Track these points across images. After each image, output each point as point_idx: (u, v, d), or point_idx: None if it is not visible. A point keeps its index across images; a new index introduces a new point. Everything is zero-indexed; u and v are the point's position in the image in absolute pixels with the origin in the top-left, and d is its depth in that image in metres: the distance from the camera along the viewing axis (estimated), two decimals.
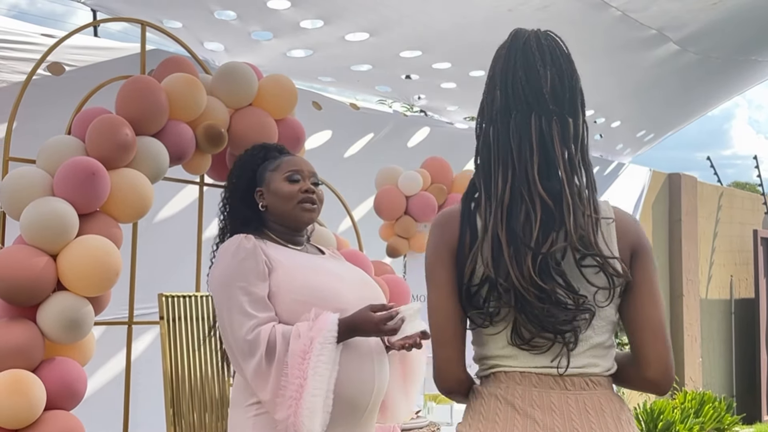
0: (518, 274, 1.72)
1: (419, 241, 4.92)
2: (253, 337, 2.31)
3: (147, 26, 3.75)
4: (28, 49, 4.02)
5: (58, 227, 2.91)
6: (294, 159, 2.67)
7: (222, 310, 2.41)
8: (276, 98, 3.70)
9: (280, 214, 2.60)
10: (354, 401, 2.40)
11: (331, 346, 2.28)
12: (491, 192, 1.80)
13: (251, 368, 2.32)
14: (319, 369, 2.26)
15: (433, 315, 1.84)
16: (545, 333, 1.74)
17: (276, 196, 2.59)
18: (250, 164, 2.68)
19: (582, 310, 1.75)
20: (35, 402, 2.82)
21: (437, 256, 1.84)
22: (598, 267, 1.76)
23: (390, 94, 6.76)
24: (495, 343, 1.82)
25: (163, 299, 3.40)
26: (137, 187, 3.16)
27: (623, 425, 1.79)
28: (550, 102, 1.82)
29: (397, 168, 4.94)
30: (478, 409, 1.82)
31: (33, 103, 3.64)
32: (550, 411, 1.75)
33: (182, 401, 3.33)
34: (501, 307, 1.76)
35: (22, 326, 2.88)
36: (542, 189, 1.76)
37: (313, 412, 2.23)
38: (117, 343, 3.66)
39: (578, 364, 1.79)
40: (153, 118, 3.26)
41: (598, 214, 1.82)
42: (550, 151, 1.80)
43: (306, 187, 2.59)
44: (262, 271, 2.42)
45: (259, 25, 4.90)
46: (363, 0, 4.69)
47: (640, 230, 1.91)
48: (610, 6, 5.06)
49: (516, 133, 1.81)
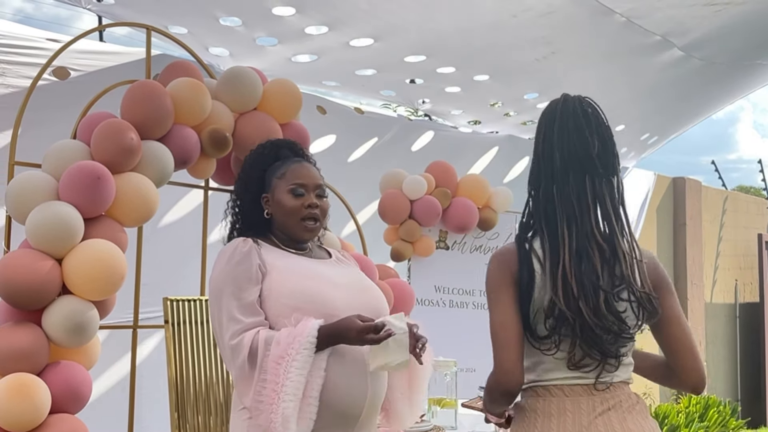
0: (589, 310, 2.07)
1: (423, 244, 4.92)
2: (236, 342, 2.32)
3: (152, 31, 3.76)
4: (33, 54, 4.04)
5: (64, 231, 2.92)
6: (300, 170, 2.62)
7: (214, 315, 2.43)
8: (281, 102, 3.71)
9: (281, 225, 2.60)
10: (345, 409, 2.39)
11: (306, 352, 2.27)
12: (558, 241, 2.12)
13: (235, 373, 2.34)
14: (291, 375, 2.24)
15: (501, 325, 2.12)
16: (596, 356, 2.12)
17: (279, 208, 2.58)
18: (260, 164, 2.67)
19: (628, 338, 2.15)
20: (40, 405, 2.83)
21: (500, 282, 2.16)
22: (637, 302, 2.14)
23: (394, 99, 6.76)
24: (549, 364, 2.15)
25: (168, 303, 3.40)
26: (142, 192, 3.17)
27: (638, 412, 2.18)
28: (599, 165, 2.17)
29: (402, 172, 4.94)
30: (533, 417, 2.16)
31: (38, 108, 3.65)
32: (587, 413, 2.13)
33: (187, 405, 3.33)
34: (563, 336, 2.10)
35: (27, 330, 2.89)
36: (600, 238, 2.13)
37: (286, 419, 2.22)
38: (122, 346, 3.67)
39: (614, 380, 2.18)
40: (158, 123, 3.27)
41: (641, 257, 2.18)
42: (602, 207, 2.17)
43: (309, 202, 2.57)
44: (254, 275, 2.42)
45: (264, 32, 4.91)
46: (367, 6, 4.70)
47: (660, 266, 2.27)
48: (614, 12, 5.06)
49: (575, 192, 2.16)
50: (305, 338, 2.28)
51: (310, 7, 4.60)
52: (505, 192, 5.19)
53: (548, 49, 5.64)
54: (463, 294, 5.13)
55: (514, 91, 6.54)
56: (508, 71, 6.10)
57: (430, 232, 5.02)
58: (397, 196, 4.85)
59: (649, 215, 9.57)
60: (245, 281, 2.40)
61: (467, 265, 5.12)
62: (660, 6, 5.11)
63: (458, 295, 5.12)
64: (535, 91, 6.56)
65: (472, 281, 5.15)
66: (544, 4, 4.88)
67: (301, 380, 2.26)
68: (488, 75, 6.03)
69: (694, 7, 5.25)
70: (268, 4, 4.49)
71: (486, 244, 5.17)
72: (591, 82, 6.38)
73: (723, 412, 9.55)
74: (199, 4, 4.47)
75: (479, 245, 5.17)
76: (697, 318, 10.30)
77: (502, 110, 6.98)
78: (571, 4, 4.90)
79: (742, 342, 11.50)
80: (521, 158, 7.52)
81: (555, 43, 5.54)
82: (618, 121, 7.51)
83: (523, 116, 7.20)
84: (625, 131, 7.85)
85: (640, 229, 9.18)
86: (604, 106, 2.26)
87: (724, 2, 5.17)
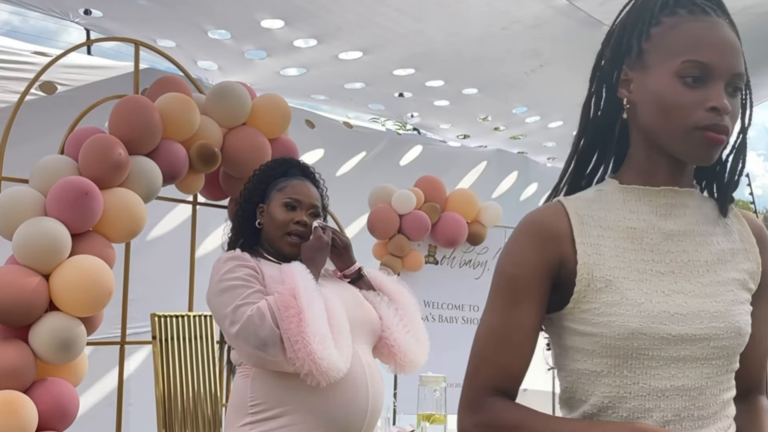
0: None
1: (412, 259, 4.92)
2: (253, 312, 2.26)
3: (140, 45, 3.75)
4: (20, 68, 4.03)
5: (51, 247, 2.90)
6: (300, 186, 2.64)
7: (221, 313, 2.36)
8: (269, 117, 3.71)
9: (268, 237, 2.60)
10: (347, 425, 2.38)
11: (311, 280, 2.36)
12: None
13: (269, 340, 2.26)
14: (311, 299, 2.29)
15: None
16: None
17: (269, 219, 2.59)
18: (266, 177, 2.69)
19: None
20: (27, 423, 2.80)
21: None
22: None
23: (383, 112, 6.77)
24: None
25: (156, 319, 3.39)
26: (130, 207, 3.16)
27: None
28: None
29: (391, 187, 4.94)
30: None
31: (26, 122, 3.64)
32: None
33: (174, 421, 3.31)
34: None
35: (14, 347, 2.87)
36: None
37: (322, 338, 2.24)
38: (109, 362, 3.65)
39: None
40: (146, 138, 3.26)
41: None
42: None
43: (299, 219, 2.57)
44: (259, 278, 2.41)
45: (252, 44, 4.91)
46: (356, 19, 4.70)
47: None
48: (603, 24, 5.08)
49: None
50: (300, 271, 2.37)
51: (298, 20, 4.61)
52: (495, 207, 5.19)
53: (537, 62, 5.65)
54: (452, 309, 5.13)
55: (503, 104, 6.56)
56: (497, 84, 6.11)
57: (419, 246, 5.01)
58: (386, 211, 4.85)
59: None
60: (252, 277, 2.39)
61: (456, 279, 5.11)
62: None
63: (447, 310, 5.11)
64: (524, 105, 6.57)
65: (462, 296, 5.14)
66: (532, 16, 4.89)
67: (321, 303, 2.31)
68: (477, 88, 6.05)
69: None
70: (256, 17, 4.50)
71: (475, 258, 5.17)
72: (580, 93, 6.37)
73: None
74: (187, 17, 4.47)
75: (468, 260, 5.16)
76: None
77: (491, 124, 6.99)
78: (560, 16, 4.92)
79: None
80: (510, 173, 7.53)
81: (544, 55, 5.56)
82: None
83: (512, 130, 7.22)
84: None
85: None
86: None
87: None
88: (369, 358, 2.51)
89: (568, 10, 4.80)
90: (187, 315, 3.50)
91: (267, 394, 2.36)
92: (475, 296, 5.16)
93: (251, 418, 2.38)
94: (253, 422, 2.37)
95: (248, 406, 2.39)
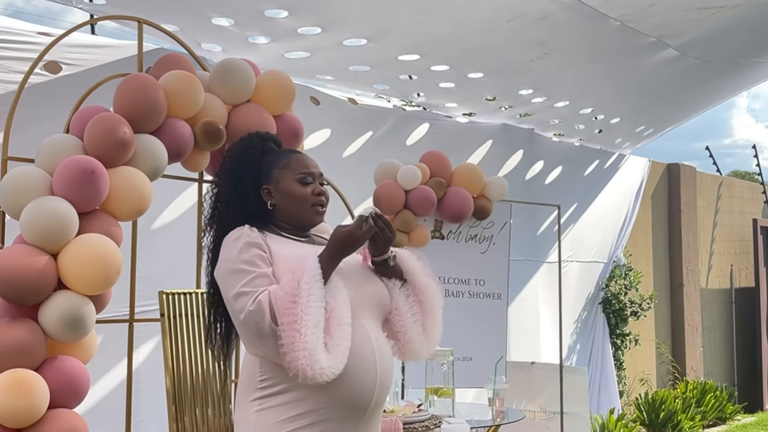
0: None
1: (418, 234, 4.92)
2: (255, 307, 2.28)
3: (143, 23, 3.75)
4: (24, 49, 4.02)
5: (58, 226, 2.91)
6: (304, 159, 2.65)
7: (228, 296, 2.38)
8: (274, 94, 3.71)
9: (291, 214, 2.59)
10: (354, 400, 2.39)
11: (317, 284, 2.31)
12: None
13: (267, 344, 2.29)
14: (310, 308, 2.26)
15: None
16: None
17: (288, 197, 2.58)
18: (252, 156, 2.64)
19: None
20: (38, 401, 2.83)
21: None
22: None
23: (389, 92, 6.73)
24: None
25: (164, 296, 3.41)
26: (136, 185, 3.16)
27: None
28: None
29: (396, 162, 4.93)
30: None
31: (31, 103, 3.64)
32: None
33: (184, 397, 3.34)
34: None
35: (23, 326, 2.89)
36: None
37: (311, 352, 2.23)
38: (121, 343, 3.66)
39: None
40: (151, 116, 3.26)
41: None
42: None
43: (318, 190, 2.61)
44: (266, 258, 2.41)
45: (256, 31, 4.88)
46: (361, 9, 4.67)
47: None
48: (608, 17, 5.05)
49: None
50: (311, 272, 2.32)
51: (302, 10, 4.58)
52: (500, 181, 5.18)
53: (542, 50, 5.63)
54: (458, 283, 5.14)
55: (509, 87, 6.52)
56: (503, 70, 6.08)
57: (425, 221, 5.01)
58: (392, 187, 4.85)
59: (644, 202, 9.59)
60: (258, 259, 2.39)
61: (463, 254, 5.12)
62: (654, 11, 5.10)
63: (454, 285, 5.12)
64: (530, 88, 6.54)
65: (468, 270, 5.15)
66: (537, 10, 4.86)
67: (320, 311, 2.28)
68: (483, 72, 6.01)
69: (688, 11, 5.24)
70: (260, 7, 4.47)
71: (481, 233, 5.17)
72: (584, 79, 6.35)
73: (720, 396, 9.60)
74: (190, 5, 4.44)
75: (474, 234, 5.16)
76: (693, 304, 10.33)
77: (497, 104, 6.95)
78: (565, 10, 4.89)
79: (738, 327, 11.54)
80: (516, 150, 7.49)
81: (548, 44, 5.53)
82: (613, 114, 7.49)
83: (519, 109, 7.18)
84: (620, 123, 7.85)
85: (635, 216, 9.19)
86: (599, 101, 2.02)
87: (718, 6, 5.17)
88: (378, 332, 2.51)
89: (573, 4, 4.78)
90: (195, 292, 3.52)
91: (275, 369, 2.37)
92: (481, 270, 5.17)
93: (260, 393, 2.39)
94: (263, 397, 2.38)
95: (257, 382, 2.40)
